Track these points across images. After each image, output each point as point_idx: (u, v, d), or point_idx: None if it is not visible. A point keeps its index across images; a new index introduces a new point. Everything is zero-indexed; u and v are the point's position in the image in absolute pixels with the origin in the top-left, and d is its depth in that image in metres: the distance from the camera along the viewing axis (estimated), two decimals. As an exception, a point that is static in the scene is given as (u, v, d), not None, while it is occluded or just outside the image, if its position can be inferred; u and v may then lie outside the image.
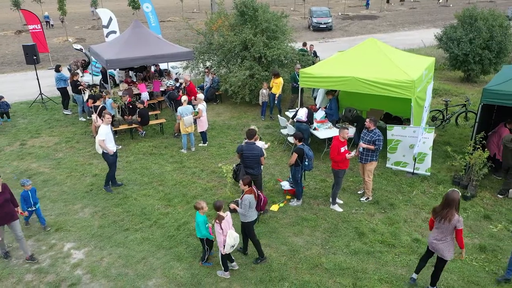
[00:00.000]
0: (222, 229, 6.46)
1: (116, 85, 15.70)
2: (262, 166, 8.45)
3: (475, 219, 8.25)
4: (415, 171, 9.90)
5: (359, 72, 10.13)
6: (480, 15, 16.34)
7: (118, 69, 15.61)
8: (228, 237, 6.48)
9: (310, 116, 10.66)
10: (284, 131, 11.74)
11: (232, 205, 6.99)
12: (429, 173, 9.87)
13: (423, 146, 9.60)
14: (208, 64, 16.43)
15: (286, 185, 9.20)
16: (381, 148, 8.49)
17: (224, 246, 6.50)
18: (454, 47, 16.53)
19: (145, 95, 13.96)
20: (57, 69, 14.46)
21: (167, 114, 14.21)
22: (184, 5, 47.06)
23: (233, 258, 7.06)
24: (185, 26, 19.70)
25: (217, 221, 6.48)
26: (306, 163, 8.35)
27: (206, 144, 11.95)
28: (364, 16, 42.52)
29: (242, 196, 6.80)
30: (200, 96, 11.88)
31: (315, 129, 10.99)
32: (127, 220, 8.46)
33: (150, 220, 8.44)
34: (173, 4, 53.84)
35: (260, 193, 7.47)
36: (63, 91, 14.44)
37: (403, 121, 11.78)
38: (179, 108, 11.12)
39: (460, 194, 6.02)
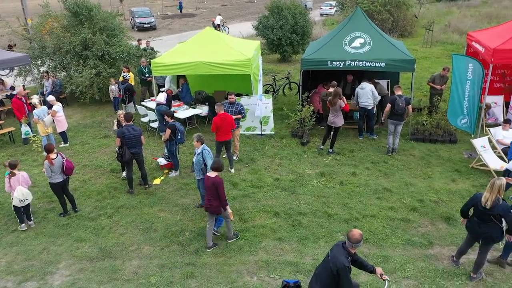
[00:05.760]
0: (10, 184, 7.86)
1: None
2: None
3: (313, 157, 10.82)
4: (263, 132, 12.08)
5: (204, 57, 11.72)
6: (284, 5, 19.84)
7: None
8: (16, 192, 7.80)
9: (168, 100, 11.84)
10: (144, 119, 12.64)
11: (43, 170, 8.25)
12: (273, 132, 12.17)
13: (266, 110, 11.83)
14: (42, 69, 15.87)
15: (162, 161, 10.29)
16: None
17: (13, 199, 7.83)
18: (270, 34, 19.69)
19: None
20: None
21: (10, 123, 13.39)
22: (-20, 13, 41.43)
23: (31, 217, 8.29)
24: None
25: (8, 176, 7.90)
26: (179, 136, 9.61)
27: (67, 144, 11.98)
28: (183, 15, 44.64)
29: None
30: (51, 97, 11.84)
31: (174, 111, 12.21)
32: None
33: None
34: (-36, 12, 46.57)
35: (65, 161, 8.20)
36: None
37: (244, 96, 13.92)
38: (35, 111, 10.96)
39: (341, 90, 10.42)
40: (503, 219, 5.92)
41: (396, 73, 12.90)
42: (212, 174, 7.07)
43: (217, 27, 30.83)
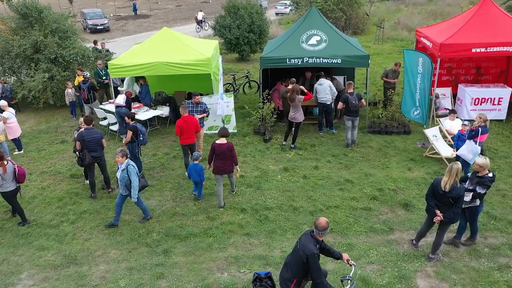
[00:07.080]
0: None
1: None
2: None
3: (276, 153, 11.01)
4: (225, 131, 12.15)
5: (163, 57, 11.58)
6: (240, 5, 19.98)
7: None
8: None
9: (128, 102, 11.64)
10: (104, 122, 12.36)
11: None
12: (236, 130, 12.27)
13: (227, 109, 11.90)
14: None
15: (124, 164, 10.11)
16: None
17: None
18: (227, 33, 19.76)
19: None
20: None
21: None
22: None
23: None
24: None
25: None
26: (141, 138, 9.49)
27: (22, 151, 11.52)
28: (137, 16, 43.76)
29: None
30: (3, 102, 11.35)
31: (134, 113, 12.02)
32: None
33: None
34: None
35: (16, 167, 7.96)
36: None
37: (205, 95, 13.92)
38: (-14, 117, 10.47)
39: (299, 86, 10.71)
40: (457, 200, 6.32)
41: (351, 69, 13.36)
42: (222, 140, 8.16)
43: (199, 22, 31.59)
